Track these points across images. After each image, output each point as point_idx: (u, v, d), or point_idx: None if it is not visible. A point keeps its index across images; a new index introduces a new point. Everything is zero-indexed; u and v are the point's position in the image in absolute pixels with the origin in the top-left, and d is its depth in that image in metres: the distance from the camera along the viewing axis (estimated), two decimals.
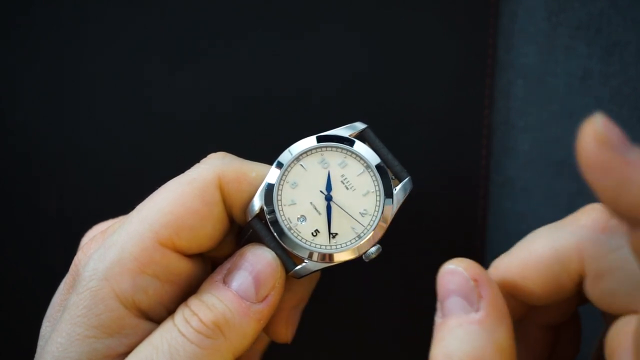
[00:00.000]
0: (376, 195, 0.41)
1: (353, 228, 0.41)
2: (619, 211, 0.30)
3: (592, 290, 0.37)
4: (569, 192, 0.52)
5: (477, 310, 0.36)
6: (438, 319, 0.37)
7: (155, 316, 0.40)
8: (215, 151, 0.42)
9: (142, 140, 0.53)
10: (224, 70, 0.53)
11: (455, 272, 0.37)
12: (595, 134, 0.29)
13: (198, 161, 0.42)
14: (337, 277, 0.50)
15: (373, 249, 0.41)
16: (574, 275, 0.37)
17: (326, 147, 0.42)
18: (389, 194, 0.41)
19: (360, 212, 0.41)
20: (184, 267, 0.40)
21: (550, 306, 0.41)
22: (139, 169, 0.53)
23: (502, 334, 0.36)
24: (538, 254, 0.38)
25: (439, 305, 0.38)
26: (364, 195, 0.41)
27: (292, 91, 0.52)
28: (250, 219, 0.41)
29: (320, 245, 0.41)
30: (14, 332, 0.55)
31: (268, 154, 0.42)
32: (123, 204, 0.43)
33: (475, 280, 0.37)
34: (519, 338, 0.42)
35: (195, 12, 0.53)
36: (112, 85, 0.54)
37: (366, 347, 0.54)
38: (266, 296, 0.40)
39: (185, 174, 0.41)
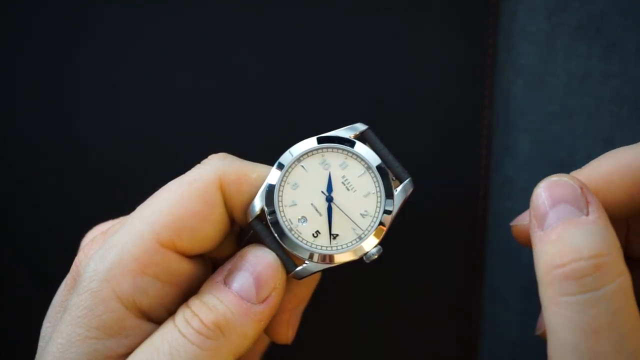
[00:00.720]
0: (377, 196, 0.41)
1: (354, 229, 0.41)
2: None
3: None
4: None
5: (587, 214, 0.37)
6: (537, 232, 0.38)
7: (156, 317, 0.40)
8: (216, 152, 0.42)
9: (142, 141, 0.53)
10: (224, 71, 0.53)
11: (560, 182, 0.38)
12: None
13: (199, 162, 0.42)
14: (337, 278, 0.50)
15: (374, 250, 0.41)
16: None
17: (327, 148, 0.41)
18: (389, 195, 0.41)
19: (361, 213, 0.41)
20: (184, 268, 0.40)
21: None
22: (139, 170, 0.53)
23: (615, 235, 0.37)
24: (619, 161, 0.38)
25: (536, 220, 0.38)
26: (365, 196, 0.41)
27: (292, 92, 0.52)
28: (251, 219, 0.41)
29: (321, 246, 0.41)
30: (14, 333, 0.55)
31: (269, 155, 0.42)
32: (124, 205, 0.43)
33: (581, 188, 0.38)
34: None
35: (196, 12, 0.53)
36: (112, 86, 0.54)
37: (366, 347, 0.54)
38: (267, 297, 0.40)
39: (186, 175, 0.41)
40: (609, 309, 0.35)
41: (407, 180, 0.42)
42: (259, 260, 0.40)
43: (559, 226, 0.37)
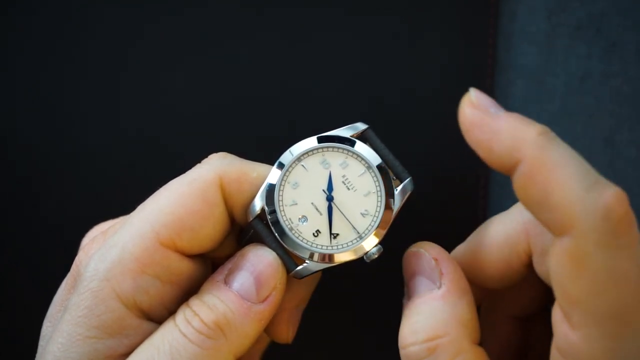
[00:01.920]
0: (377, 196, 0.41)
1: (354, 228, 0.41)
2: (493, 161, 0.35)
3: (539, 268, 0.38)
4: None
5: (439, 287, 0.38)
6: (405, 300, 0.39)
7: (156, 316, 0.40)
8: (216, 151, 0.42)
9: (142, 140, 0.53)
10: (224, 70, 0.53)
11: (417, 254, 0.40)
12: (470, 101, 0.36)
13: (199, 161, 0.42)
14: (338, 277, 0.50)
15: (374, 250, 0.41)
16: (522, 255, 0.38)
17: (327, 147, 0.41)
18: (390, 194, 0.41)
19: (361, 213, 0.41)
20: (185, 268, 0.40)
21: (515, 295, 0.42)
22: (140, 169, 0.53)
23: (464, 308, 0.38)
24: (489, 237, 0.39)
25: (405, 288, 0.40)
26: (365, 195, 0.41)
27: (293, 91, 0.52)
28: (251, 219, 0.41)
29: (321, 245, 0.41)
30: (15, 332, 0.55)
31: (269, 155, 0.42)
32: (124, 204, 0.43)
33: (436, 259, 0.39)
34: (489, 328, 0.43)
35: (196, 12, 0.53)
36: (112, 86, 0.54)
37: (367, 347, 0.54)
38: (267, 296, 0.40)
39: (186, 174, 0.41)
40: None
41: (407, 179, 0.42)
42: (259, 260, 0.40)
43: (412, 302, 0.38)
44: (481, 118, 0.36)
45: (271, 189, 0.41)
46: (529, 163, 0.34)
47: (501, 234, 0.39)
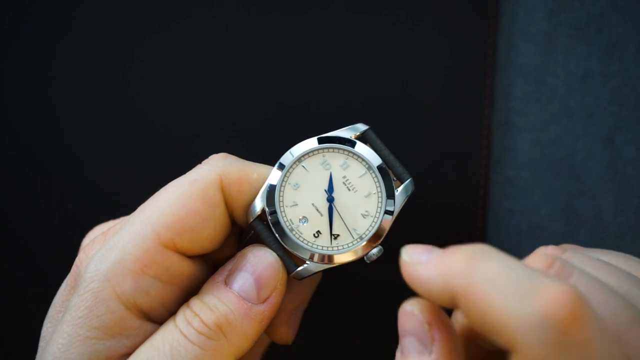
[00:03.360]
0: (378, 197, 0.41)
1: (355, 229, 0.41)
2: (442, 304, 0.36)
3: None
4: (569, 192, 0.52)
5: (430, 353, 0.37)
6: (398, 353, 0.38)
7: (157, 317, 0.40)
8: (216, 152, 0.42)
9: (144, 141, 0.53)
10: (224, 72, 0.53)
11: (410, 314, 0.38)
12: (403, 261, 0.37)
13: (199, 162, 0.42)
14: (338, 278, 0.50)
15: (374, 251, 0.41)
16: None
17: (328, 148, 0.41)
18: (390, 195, 0.41)
19: (362, 214, 0.41)
20: (185, 268, 0.40)
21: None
22: (140, 170, 0.53)
23: None
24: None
25: (399, 341, 0.38)
26: (366, 196, 0.41)
27: (293, 92, 0.52)
28: (251, 220, 0.41)
29: (322, 246, 0.41)
30: (15, 333, 0.55)
31: (269, 156, 0.42)
32: (124, 205, 0.43)
33: (429, 324, 0.37)
34: None
35: (195, 15, 0.53)
36: (112, 87, 0.54)
37: (367, 348, 0.54)
38: (267, 297, 0.40)
39: (186, 175, 0.41)
40: None
41: (408, 180, 0.42)
42: (259, 261, 0.40)
43: (403, 358, 0.37)
44: (414, 272, 0.37)
45: (272, 189, 0.41)
46: (460, 294, 0.34)
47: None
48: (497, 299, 0.32)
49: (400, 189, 0.42)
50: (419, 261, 0.36)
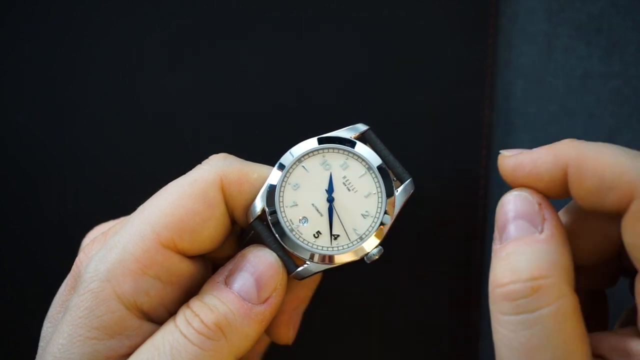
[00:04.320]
0: (378, 197, 0.41)
1: (355, 229, 0.41)
2: (547, 183, 0.39)
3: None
4: None
5: (541, 231, 0.38)
6: (497, 244, 0.38)
7: (157, 317, 0.40)
8: (216, 152, 0.42)
9: (144, 141, 0.53)
10: (225, 72, 0.53)
11: (520, 197, 0.39)
12: (504, 155, 0.41)
13: (199, 162, 0.42)
14: (338, 278, 0.50)
15: (374, 251, 0.41)
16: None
17: (328, 148, 0.41)
18: (390, 195, 0.41)
19: (362, 214, 0.41)
20: (185, 269, 0.40)
21: (593, 268, 0.42)
22: (140, 170, 0.53)
23: (565, 255, 0.37)
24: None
25: (496, 233, 0.39)
26: (366, 196, 0.41)
27: (293, 93, 0.52)
28: (251, 220, 0.41)
29: (322, 246, 0.41)
30: (15, 333, 0.55)
31: (270, 156, 0.42)
32: (125, 205, 0.43)
33: (539, 204, 0.38)
34: None
35: (195, 14, 0.53)
36: (112, 87, 0.54)
37: (367, 348, 0.54)
38: (268, 298, 0.40)
39: (186, 175, 0.41)
40: (543, 332, 0.35)
41: (408, 180, 0.42)
42: (259, 261, 0.40)
43: (511, 243, 0.38)
44: (519, 159, 0.40)
45: (272, 189, 0.41)
46: (574, 163, 0.37)
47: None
48: (610, 158, 0.36)
49: (400, 189, 0.42)
50: (522, 152, 0.40)
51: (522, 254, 0.37)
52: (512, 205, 0.39)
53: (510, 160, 0.40)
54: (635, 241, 0.36)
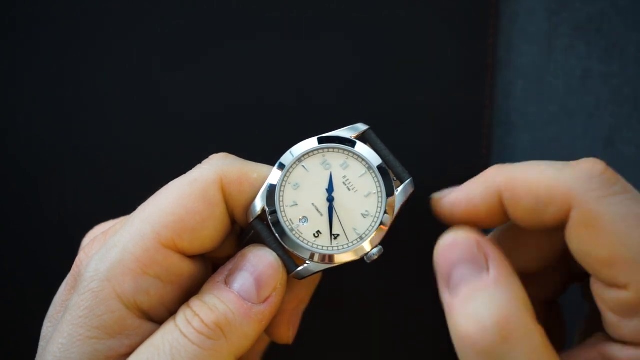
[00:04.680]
0: (378, 197, 0.41)
1: (355, 229, 0.41)
2: (480, 213, 0.40)
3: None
4: None
5: (487, 270, 0.37)
6: (446, 295, 0.38)
7: (157, 317, 0.40)
8: (216, 152, 0.42)
9: (144, 141, 0.53)
10: (225, 71, 0.53)
11: (456, 243, 0.38)
12: (435, 199, 0.41)
13: (200, 162, 0.42)
14: (338, 278, 0.50)
15: (375, 250, 0.41)
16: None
17: (328, 148, 0.41)
18: (390, 195, 0.41)
19: (362, 214, 0.41)
20: (185, 268, 0.40)
21: (542, 279, 0.43)
22: (141, 170, 0.53)
23: (519, 287, 0.37)
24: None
25: (442, 282, 0.38)
26: (366, 196, 0.41)
27: (293, 92, 0.52)
28: (252, 219, 0.41)
29: (322, 246, 0.41)
30: (15, 333, 0.55)
31: (270, 156, 0.42)
32: (125, 205, 0.43)
33: (477, 242, 0.38)
34: None
35: (197, 14, 0.53)
36: (112, 87, 0.54)
37: (367, 348, 0.54)
38: (268, 297, 0.40)
39: (187, 175, 0.41)
40: None
41: (408, 180, 0.42)
42: (259, 261, 0.40)
43: (462, 292, 0.37)
44: (452, 198, 0.40)
45: (272, 189, 0.41)
46: (506, 188, 0.38)
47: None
48: (539, 175, 0.37)
49: (400, 189, 0.42)
50: (452, 190, 0.40)
51: (478, 301, 0.36)
52: (451, 251, 0.38)
53: (445, 201, 0.40)
54: (583, 248, 0.36)
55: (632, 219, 0.35)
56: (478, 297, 0.36)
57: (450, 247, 0.38)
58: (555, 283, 0.44)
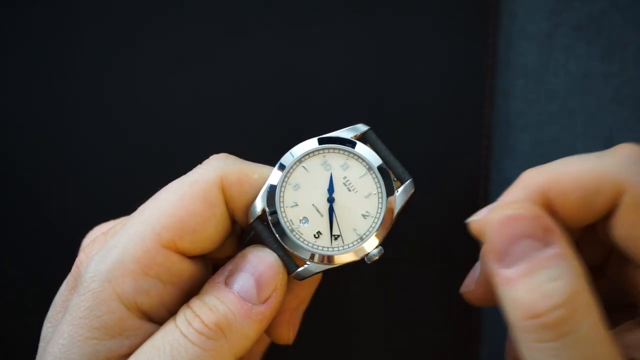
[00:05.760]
0: (378, 197, 0.41)
1: (355, 230, 0.41)
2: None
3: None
4: None
5: (550, 245, 0.36)
6: (501, 269, 0.36)
7: (157, 317, 0.40)
8: (217, 152, 0.42)
9: (144, 141, 0.53)
10: (225, 72, 0.53)
11: (517, 217, 0.37)
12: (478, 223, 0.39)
13: (200, 162, 0.42)
14: (338, 278, 0.50)
15: (375, 251, 0.41)
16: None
17: (328, 148, 0.41)
18: (391, 195, 0.41)
19: (362, 214, 0.41)
20: (185, 269, 0.40)
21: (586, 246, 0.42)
22: (141, 170, 0.53)
23: (580, 263, 0.36)
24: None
25: (494, 257, 0.37)
26: (366, 197, 0.41)
27: (294, 93, 0.52)
28: (252, 220, 0.41)
29: (322, 247, 0.41)
30: (15, 333, 0.55)
31: (270, 156, 0.42)
32: (125, 205, 0.43)
33: (539, 218, 0.37)
34: None
35: (197, 15, 0.53)
36: (113, 86, 0.54)
37: (367, 348, 0.54)
38: (268, 298, 0.40)
39: (187, 175, 0.40)
40: (586, 348, 0.35)
41: (408, 181, 0.42)
42: (260, 261, 0.40)
43: (525, 266, 0.36)
44: (499, 215, 0.37)
45: (272, 190, 0.41)
46: (550, 187, 0.38)
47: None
48: (581, 167, 0.37)
49: (400, 189, 0.42)
50: (490, 209, 0.38)
51: (545, 276, 0.35)
52: (512, 225, 0.37)
53: (491, 220, 0.37)
54: (632, 232, 0.36)
55: None
56: (544, 271, 0.35)
57: (511, 220, 0.37)
58: (597, 248, 0.43)
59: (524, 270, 0.36)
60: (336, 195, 0.41)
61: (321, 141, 0.42)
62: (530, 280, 0.35)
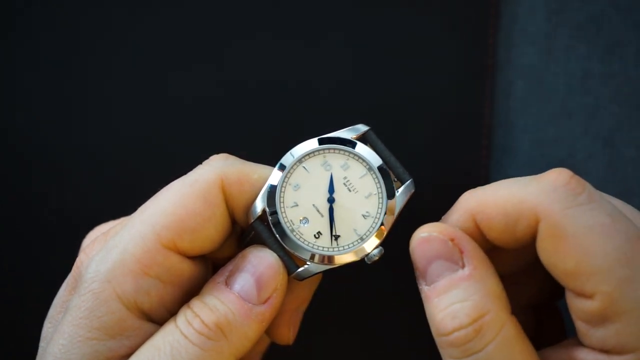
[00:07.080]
0: (378, 198, 0.41)
1: (355, 230, 0.41)
2: None
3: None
4: None
5: (462, 267, 0.38)
6: (424, 287, 0.39)
7: (157, 318, 0.40)
8: (217, 153, 0.42)
9: (144, 141, 0.53)
10: (226, 72, 0.53)
11: (430, 238, 0.39)
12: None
13: (200, 163, 0.42)
14: (339, 278, 0.50)
15: (375, 251, 0.41)
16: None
17: (328, 149, 0.41)
18: (391, 196, 0.41)
19: (362, 215, 0.41)
20: (186, 269, 0.40)
21: (525, 285, 0.43)
22: (141, 170, 0.53)
23: (493, 281, 0.38)
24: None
25: (419, 274, 0.39)
26: (367, 197, 0.41)
27: (293, 93, 0.52)
28: (252, 220, 0.41)
29: (323, 247, 0.41)
30: (15, 333, 0.55)
31: (270, 156, 0.42)
32: (125, 205, 0.43)
33: (452, 239, 0.38)
34: None
35: (198, 15, 0.53)
36: (113, 86, 0.53)
37: (367, 348, 0.54)
38: (268, 298, 0.40)
39: (187, 176, 0.41)
40: None
41: (408, 181, 0.42)
42: (260, 261, 0.40)
43: (438, 287, 0.38)
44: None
45: (272, 190, 0.41)
46: (478, 211, 0.39)
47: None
48: (506, 192, 0.37)
49: (400, 189, 0.42)
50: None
51: (454, 297, 0.37)
52: (427, 246, 0.39)
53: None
54: (551, 259, 0.37)
55: (596, 229, 0.35)
56: (453, 292, 0.37)
57: (426, 241, 0.39)
58: (541, 285, 0.44)
59: (436, 289, 0.38)
60: (336, 196, 0.41)
61: (321, 141, 0.42)
62: (441, 300, 0.38)
